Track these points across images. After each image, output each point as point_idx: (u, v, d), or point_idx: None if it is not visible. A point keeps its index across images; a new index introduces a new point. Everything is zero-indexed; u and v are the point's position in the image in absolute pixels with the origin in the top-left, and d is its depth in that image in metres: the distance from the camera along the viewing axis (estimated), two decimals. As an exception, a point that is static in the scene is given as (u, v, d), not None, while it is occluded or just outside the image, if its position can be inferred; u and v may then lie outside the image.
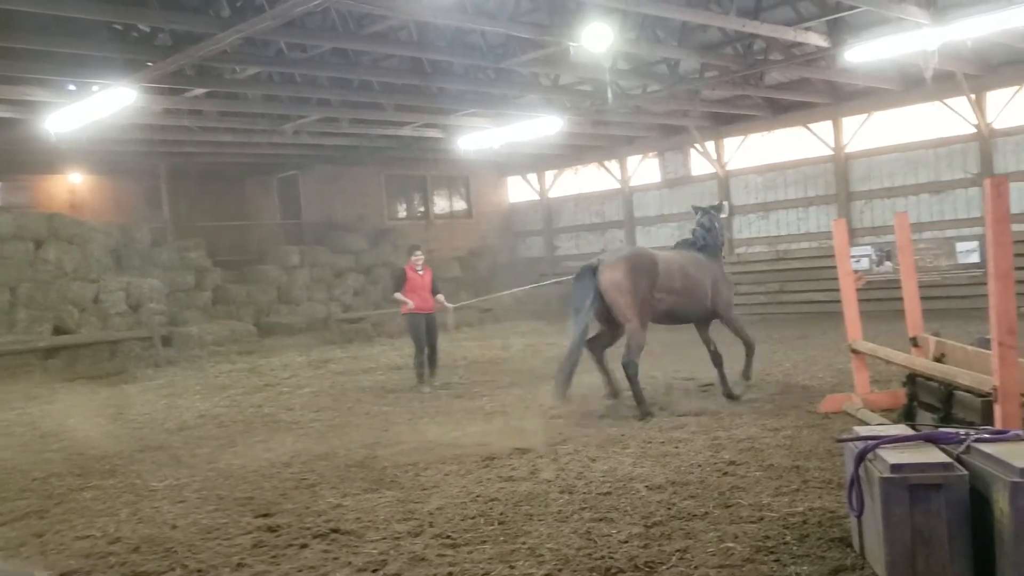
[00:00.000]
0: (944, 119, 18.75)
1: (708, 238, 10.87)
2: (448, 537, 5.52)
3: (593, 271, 9.73)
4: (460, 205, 27.61)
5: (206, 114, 17.58)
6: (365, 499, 6.60)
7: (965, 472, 4.05)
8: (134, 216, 22.65)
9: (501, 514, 5.93)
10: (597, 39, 11.86)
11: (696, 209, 11.21)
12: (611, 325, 9.97)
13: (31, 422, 11.37)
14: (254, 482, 7.40)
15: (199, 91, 15.21)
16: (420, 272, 12.63)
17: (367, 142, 21.82)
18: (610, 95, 16.09)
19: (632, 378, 9.30)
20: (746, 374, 10.34)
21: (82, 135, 15.73)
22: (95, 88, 13.28)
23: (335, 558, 5.26)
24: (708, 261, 10.68)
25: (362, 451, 8.37)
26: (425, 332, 12.37)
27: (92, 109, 13.66)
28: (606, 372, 10.04)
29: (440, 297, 12.80)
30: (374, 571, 4.99)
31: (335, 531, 5.77)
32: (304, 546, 5.53)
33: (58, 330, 17.45)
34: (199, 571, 5.22)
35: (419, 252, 12.88)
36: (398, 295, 12.44)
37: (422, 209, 26.78)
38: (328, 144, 21.68)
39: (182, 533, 6.02)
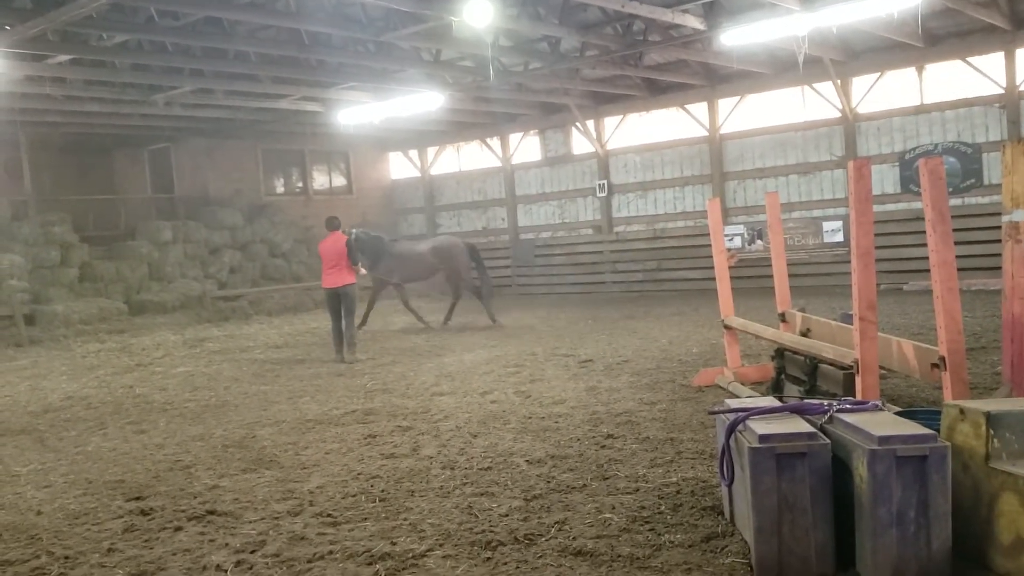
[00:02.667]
0: (812, 103, 19.53)
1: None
2: (329, 515, 5.47)
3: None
4: (340, 181, 27.14)
5: (71, 82, 16.70)
6: (243, 479, 6.47)
7: (828, 441, 4.25)
8: (-8, 189, 21.44)
9: (383, 491, 5.92)
10: (479, 14, 11.83)
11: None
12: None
13: None
14: (125, 465, 7.16)
15: (63, 58, 14.42)
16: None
17: (243, 115, 21.18)
18: (492, 72, 16.08)
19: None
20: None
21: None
22: (-54, 51, 12.45)
23: (211, 540, 5.14)
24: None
25: (240, 431, 8.20)
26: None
27: (-57, 73, 12.83)
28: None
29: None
30: (252, 551, 4.90)
31: (211, 512, 5.64)
32: (179, 529, 5.39)
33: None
34: (67, 558, 5.02)
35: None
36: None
37: (300, 185, 26.21)
38: (202, 116, 20.92)
39: (48, 519, 5.77)
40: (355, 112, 19.76)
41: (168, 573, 4.69)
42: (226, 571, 4.64)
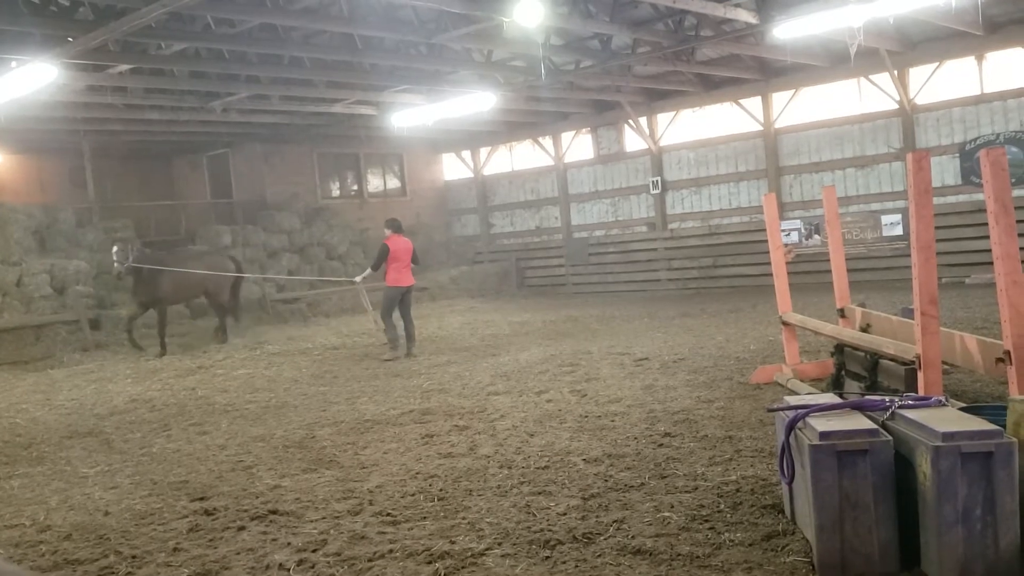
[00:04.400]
0: (868, 95, 19.18)
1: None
2: (388, 514, 5.52)
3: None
4: (394, 183, 27.37)
5: (131, 91, 17.10)
6: (304, 479, 6.56)
7: (890, 438, 4.18)
8: (58, 196, 22.02)
9: (441, 490, 5.96)
10: (530, 14, 11.83)
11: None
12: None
13: (-46, 410, 11.02)
14: (189, 465, 7.31)
15: (123, 67, 14.76)
16: None
17: (298, 120, 21.47)
18: (543, 71, 16.08)
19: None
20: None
21: (1, 113, 15.19)
22: (13, 64, 12.80)
23: (274, 539, 5.23)
24: None
25: (300, 431, 8.32)
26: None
27: (11, 86, 13.19)
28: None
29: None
30: (314, 551, 4.97)
31: (273, 512, 5.73)
32: (242, 528, 5.49)
33: (-21, 315, 16.92)
34: (134, 557, 5.14)
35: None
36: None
37: (356, 187, 26.48)
38: (258, 122, 21.26)
39: (115, 519, 5.92)
40: (408, 114, 19.89)
41: (232, 572, 4.78)
42: (288, 570, 4.72)
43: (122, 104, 17.84)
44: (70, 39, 12.09)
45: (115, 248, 15.23)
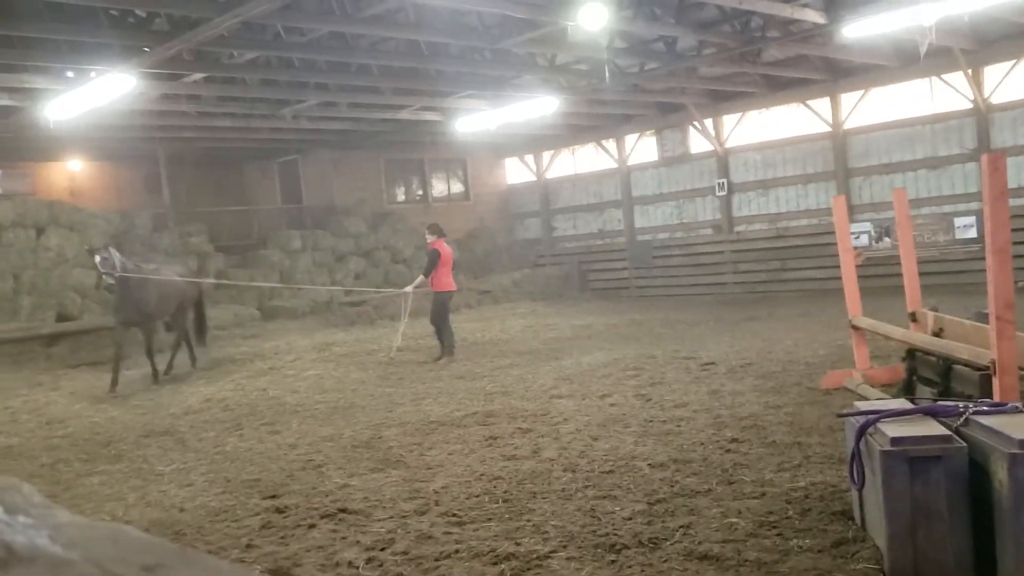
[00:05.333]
0: (941, 94, 18.74)
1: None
2: (454, 515, 5.58)
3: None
4: (458, 188, 27.59)
5: (204, 99, 17.55)
6: (371, 479, 6.67)
7: (964, 444, 4.10)
8: (134, 202, 22.70)
9: (505, 492, 6.00)
10: (594, 18, 11.84)
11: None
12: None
13: (36, 409, 11.42)
14: (261, 464, 7.47)
15: (197, 76, 15.18)
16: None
17: (365, 126, 21.80)
18: (607, 74, 16.06)
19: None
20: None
21: (81, 122, 15.72)
22: (93, 74, 13.26)
23: (343, 537, 5.33)
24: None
25: (367, 432, 8.44)
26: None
27: (90, 95, 13.66)
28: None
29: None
30: (382, 549, 5.05)
31: (342, 511, 5.84)
32: (312, 526, 5.60)
33: (61, 317, 17.49)
34: (208, 553, 5.27)
35: (426, 232, 13.96)
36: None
37: (420, 192, 26.76)
38: (327, 128, 21.64)
39: (190, 516, 6.08)
40: (472, 120, 20.05)
41: (303, 569, 4.88)
42: (358, 568, 4.80)
43: (196, 112, 18.31)
44: (146, 49, 12.47)
45: (97, 258, 12.60)
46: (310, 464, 7.32)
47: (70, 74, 14.29)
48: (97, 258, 12.60)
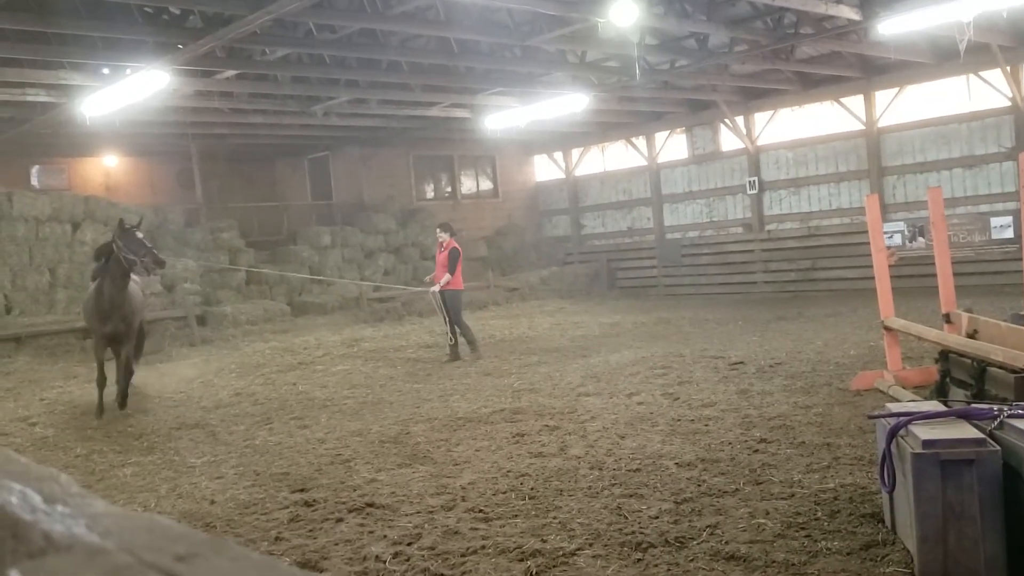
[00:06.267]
0: (978, 92, 18.48)
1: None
2: (481, 511, 5.60)
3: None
4: (487, 185, 27.61)
5: (237, 96, 17.70)
6: (399, 474, 6.70)
7: (998, 448, 4.05)
8: (167, 198, 22.96)
9: (532, 489, 6.01)
10: (625, 14, 11.80)
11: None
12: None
13: (71, 401, 11.59)
14: (290, 458, 7.54)
15: (230, 73, 15.32)
16: (440, 250, 13.72)
17: (395, 123, 21.88)
18: (638, 71, 15.98)
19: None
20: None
21: (116, 118, 15.91)
22: (128, 71, 13.41)
23: (371, 531, 5.36)
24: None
25: (395, 427, 8.48)
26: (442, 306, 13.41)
27: (125, 92, 13.81)
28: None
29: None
30: (409, 544, 5.08)
31: (370, 505, 5.88)
32: (340, 520, 5.64)
33: (95, 310, 17.70)
34: (238, 545, 5.32)
35: (439, 230, 14.01)
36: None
37: (449, 189, 26.81)
38: (357, 125, 21.74)
39: (221, 508, 6.15)
40: (501, 117, 20.05)
41: (331, 562, 4.92)
42: (385, 562, 4.83)
43: (228, 108, 18.48)
44: (180, 46, 12.59)
45: (140, 234, 10.60)
46: (338, 459, 7.38)
47: (106, 71, 14.48)
48: (139, 234, 10.43)
